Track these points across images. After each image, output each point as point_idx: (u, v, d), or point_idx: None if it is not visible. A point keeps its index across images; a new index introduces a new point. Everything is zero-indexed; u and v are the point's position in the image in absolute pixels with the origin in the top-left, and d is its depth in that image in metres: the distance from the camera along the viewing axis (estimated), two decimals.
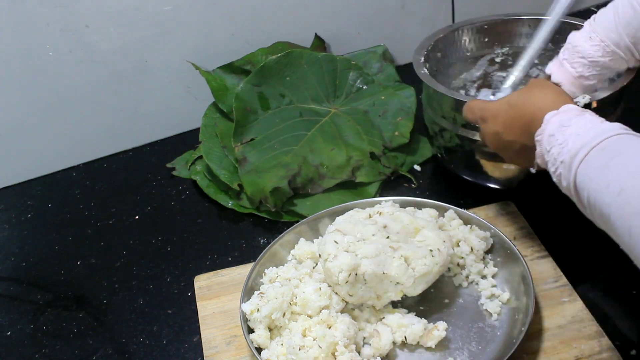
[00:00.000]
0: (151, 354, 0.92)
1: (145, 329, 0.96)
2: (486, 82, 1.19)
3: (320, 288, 0.86)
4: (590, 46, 0.87)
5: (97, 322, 0.98)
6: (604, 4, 0.89)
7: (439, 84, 1.02)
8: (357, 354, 0.82)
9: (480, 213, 0.99)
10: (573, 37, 0.89)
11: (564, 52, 0.90)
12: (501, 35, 1.15)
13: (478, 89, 1.18)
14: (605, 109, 0.96)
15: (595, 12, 0.90)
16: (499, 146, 0.88)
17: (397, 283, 0.84)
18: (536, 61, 1.06)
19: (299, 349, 0.80)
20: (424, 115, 1.12)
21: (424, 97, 1.09)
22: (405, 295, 0.86)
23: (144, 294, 1.01)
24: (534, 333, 0.83)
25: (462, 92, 1.18)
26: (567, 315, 0.85)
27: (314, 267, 0.93)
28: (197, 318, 0.93)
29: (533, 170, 0.84)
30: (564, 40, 1.12)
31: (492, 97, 1.06)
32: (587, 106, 0.92)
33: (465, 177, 1.07)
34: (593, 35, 0.87)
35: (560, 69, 0.89)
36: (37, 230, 1.17)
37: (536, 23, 1.11)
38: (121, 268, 1.06)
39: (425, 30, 1.14)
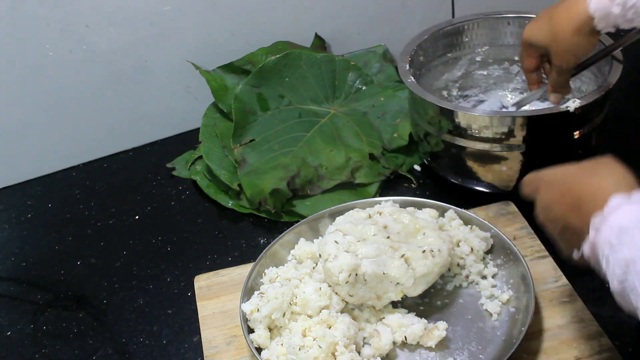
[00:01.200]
0: (151, 354, 0.92)
1: (145, 329, 0.96)
2: (467, 81, 1.19)
3: (320, 288, 0.86)
4: None
5: (97, 322, 0.98)
6: None
7: (425, 90, 1.02)
8: (357, 354, 0.82)
9: (480, 213, 0.99)
10: None
11: None
12: (480, 34, 1.16)
13: (460, 89, 1.19)
14: (591, 111, 0.97)
15: None
16: (546, 219, 0.74)
17: (398, 283, 0.84)
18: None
19: (299, 349, 0.80)
20: (410, 120, 1.12)
21: (409, 102, 1.09)
22: (405, 295, 0.86)
23: (144, 294, 1.01)
24: (534, 333, 0.83)
25: (445, 92, 1.18)
26: (567, 315, 0.85)
27: (314, 267, 0.93)
28: (197, 318, 0.93)
29: (576, 257, 0.69)
30: None
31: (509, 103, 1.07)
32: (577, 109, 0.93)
33: (454, 181, 1.07)
34: None
35: None
36: (37, 230, 1.17)
37: (517, 21, 1.12)
38: (121, 268, 1.06)
39: (424, 30, 1.14)
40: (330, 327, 0.83)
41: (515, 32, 1.14)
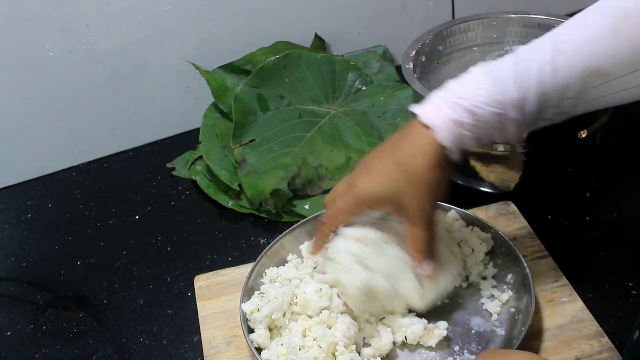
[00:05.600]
0: (151, 354, 0.92)
1: (145, 329, 0.96)
2: None
3: (321, 289, 0.86)
4: (474, 88, 0.73)
5: (97, 322, 0.98)
6: None
7: (429, 90, 1.02)
8: (357, 354, 0.82)
9: (480, 213, 0.98)
10: (453, 81, 0.77)
11: (441, 92, 0.76)
12: (510, 31, 1.15)
13: None
14: (595, 110, 0.96)
15: None
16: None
17: (407, 301, 0.84)
18: None
19: (299, 349, 0.80)
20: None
21: (413, 101, 1.09)
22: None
23: (144, 294, 1.01)
24: (534, 333, 0.83)
25: None
26: (567, 315, 0.85)
27: (314, 267, 0.93)
28: (197, 318, 0.93)
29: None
30: None
31: None
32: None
33: (457, 181, 1.07)
34: (481, 77, 0.74)
35: (434, 109, 0.75)
36: (37, 230, 1.17)
37: (546, 23, 1.11)
38: (121, 268, 1.06)
39: (425, 30, 1.14)
40: (330, 327, 0.83)
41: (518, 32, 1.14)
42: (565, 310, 0.85)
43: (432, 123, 0.74)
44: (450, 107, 0.73)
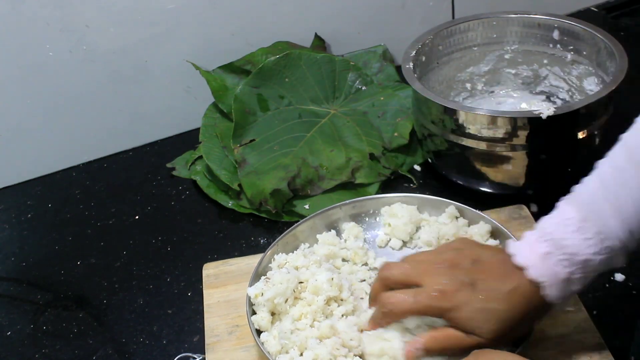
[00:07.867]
0: (151, 354, 0.92)
1: (145, 329, 0.96)
2: (495, 77, 1.19)
3: (332, 278, 0.85)
4: (582, 241, 0.69)
5: (97, 322, 0.98)
6: (604, 4, 0.87)
7: (429, 90, 1.02)
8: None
9: (493, 216, 0.94)
10: (553, 224, 0.72)
11: (544, 243, 0.71)
12: (510, 31, 1.15)
13: (486, 84, 1.19)
14: (595, 111, 0.96)
15: (596, 12, 0.86)
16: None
17: None
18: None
19: (291, 333, 0.81)
20: (413, 119, 1.12)
21: (413, 101, 1.09)
22: None
23: (144, 294, 1.01)
24: (534, 341, 0.81)
25: (469, 85, 1.17)
26: (570, 325, 0.83)
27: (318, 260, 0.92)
28: (198, 318, 0.93)
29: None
30: (571, 44, 1.12)
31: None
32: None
33: (458, 181, 1.07)
34: (584, 225, 0.69)
35: (543, 264, 0.71)
36: (37, 230, 1.17)
37: (546, 23, 1.11)
38: (121, 268, 1.06)
39: (425, 30, 1.14)
40: (327, 317, 0.84)
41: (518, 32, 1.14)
42: (568, 320, 0.84)
43: (542, 281, 0.70)
44: (562, 266, 0.70)
